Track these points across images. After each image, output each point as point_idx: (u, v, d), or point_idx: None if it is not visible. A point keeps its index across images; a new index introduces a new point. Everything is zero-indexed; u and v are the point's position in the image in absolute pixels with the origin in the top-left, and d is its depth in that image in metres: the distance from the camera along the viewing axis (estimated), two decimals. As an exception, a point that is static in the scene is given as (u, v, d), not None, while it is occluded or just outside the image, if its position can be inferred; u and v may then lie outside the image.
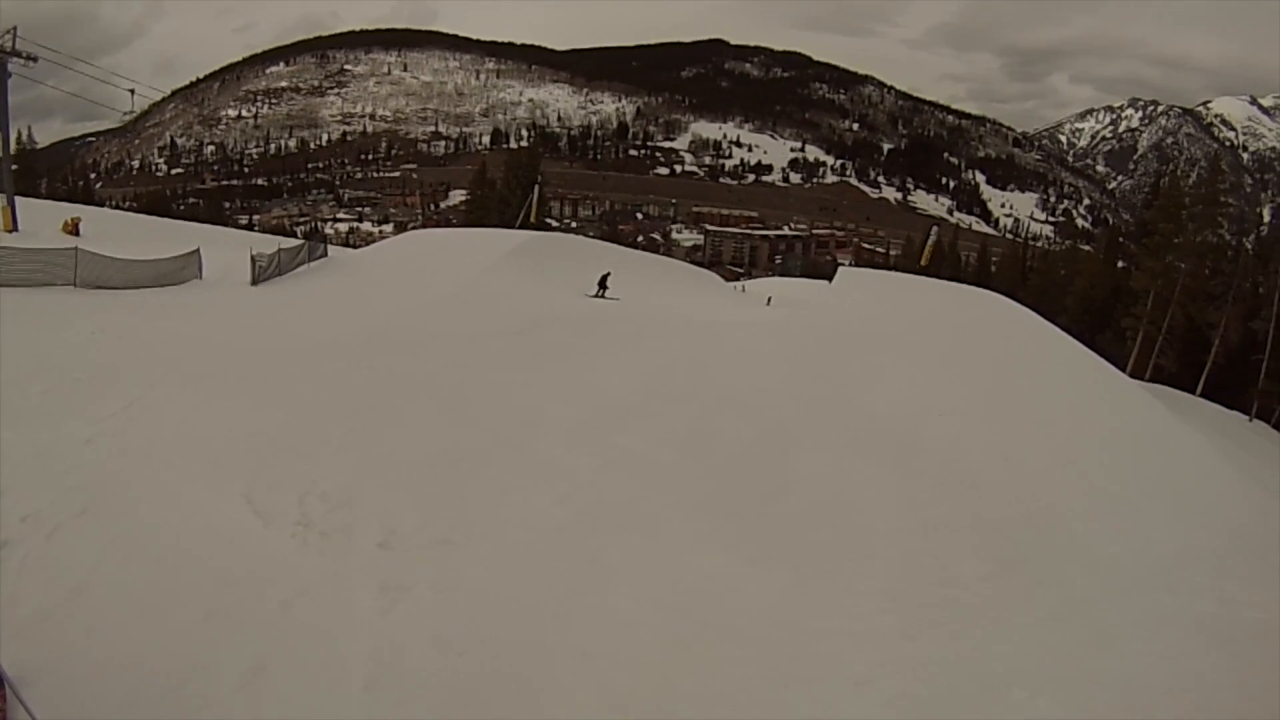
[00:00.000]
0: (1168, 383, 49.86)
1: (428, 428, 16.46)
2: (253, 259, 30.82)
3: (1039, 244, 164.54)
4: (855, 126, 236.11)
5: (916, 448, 19.18)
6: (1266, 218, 74.99)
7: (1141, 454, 21.92)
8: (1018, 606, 13.06)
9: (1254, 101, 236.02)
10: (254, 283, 30.46)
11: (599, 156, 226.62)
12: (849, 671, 10.73)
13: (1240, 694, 11.08)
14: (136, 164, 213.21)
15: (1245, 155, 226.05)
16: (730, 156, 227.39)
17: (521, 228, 63.26)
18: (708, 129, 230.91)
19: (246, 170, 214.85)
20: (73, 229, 38.69)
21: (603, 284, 37.12)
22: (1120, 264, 69.04)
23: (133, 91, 49.06)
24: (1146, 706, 10.56)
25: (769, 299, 50.28)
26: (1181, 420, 27.90)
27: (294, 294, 29.86)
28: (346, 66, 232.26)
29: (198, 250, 30.33)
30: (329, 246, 42.95)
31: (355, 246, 69.63)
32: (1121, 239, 79.04)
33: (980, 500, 16.77)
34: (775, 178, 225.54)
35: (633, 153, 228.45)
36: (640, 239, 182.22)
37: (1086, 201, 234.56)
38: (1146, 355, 52.86)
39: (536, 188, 76.41)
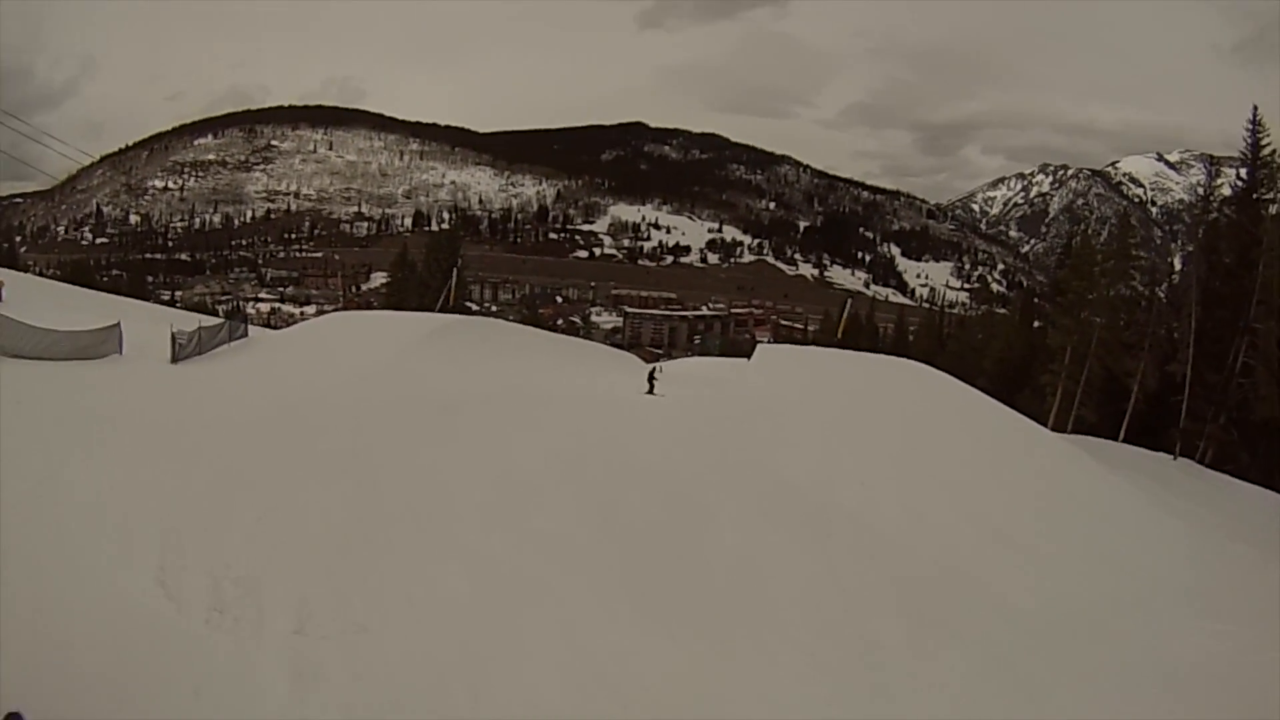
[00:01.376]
0: (1090, 433, 50.22)
1: (342, 506, 16.10)
2: (173, 336, 30.08)
3: (955, 311, 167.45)
4: (772, 205, 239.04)
5: (831, 513, 19.28)
6: (1178, 266, 76.70)
7: (1060, 506, 22.50)
8: (941, 666, 13.15)
9: (1160, 158, 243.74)
10: (174, 360, 29.68)
11: (519, 239, 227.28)
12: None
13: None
14: (62, 230, 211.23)
15: (1154, 209, 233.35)
16: (649, 238, 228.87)
17: (442, 311, 62.76)
18: (627, 211, 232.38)
19: (171, 244, 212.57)
20: (-7, 293, 37.52)
21: (651, 379, 37.35)
22: (1036, 324, 69.74)
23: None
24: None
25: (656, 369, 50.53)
26: (1105, 467, 28.25)
27: (214, 372, 29.22)
28: (274, 142, 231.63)
29: (118, 324, 29.23)
30: (249, 326, 42.06)
31: (276, 328, 68.31)
32: (1036, 299, 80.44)
33: (897, 562, 16.91)
34: (693, 258, 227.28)
35: (553, 235, 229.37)
36: (560, 322, 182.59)
37: (1000, 266, 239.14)
38: (1067, 409, 53.17)
39: (456, 271, 75.97)
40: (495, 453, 20.74)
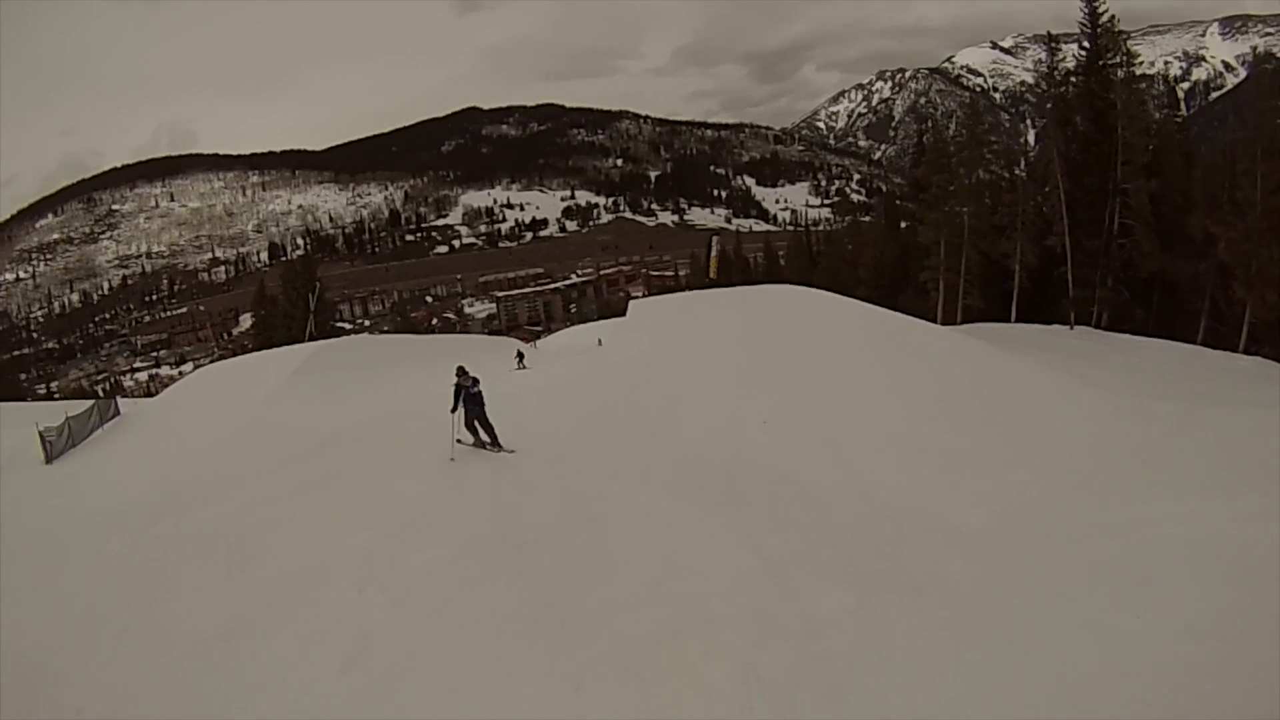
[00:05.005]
0: (980, 319, 50.92)
1: (204, 603, 13.86)
2: (41, 436, 28.38)
3: (820, 228, 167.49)
4: (619, 162, 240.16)
5: (742, 469, 17.50)
6: (1033, 143, 78.22)
7: (977, 403, 21.29)
8: (898, 632, 11.24)
9: (994, 46, 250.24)
10: (48, 460, 27.88)
11: (377, 249, 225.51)
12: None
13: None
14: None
15: (997, 95, 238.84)
16: (504, 220, 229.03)
17: (311, 339, 62.00)
18: (477, 197, 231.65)
19: (35, 335, 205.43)
20: None
21: (520, 356, 42.36)
22: (903, 224, 69.95)
23: None
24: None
25: (599, 340, 52.96)
26: (1009, 351, 27.70)
27: (89, 464, 27.29)
28: (114, 206, 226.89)
29: None
30: (119, 403, 39.38)
31: (155, 395, 65.00)
32: (899, 201, 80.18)
33: (825, 511, 15.04)
34: (552, 230, 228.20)
35: (409, 238, 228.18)
36: (435, 321, 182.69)
37: (856, 177, 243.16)
38: (952, 301, 53.53)
39: (313, 296, 73.85)
40: (372, 488, 18.56)
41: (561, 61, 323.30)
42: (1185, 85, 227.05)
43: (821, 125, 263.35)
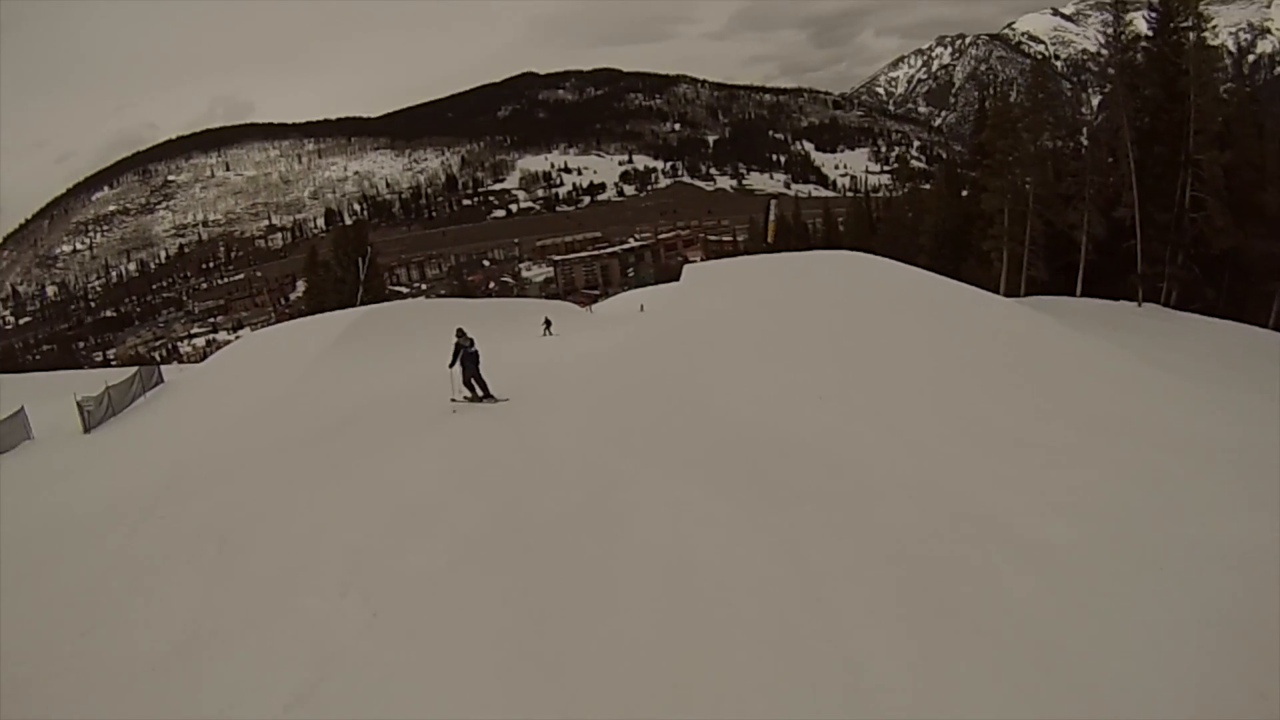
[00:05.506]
0: (1044, 292, 49.29)
1: (176, 607, 12.51)
2: (79, 406, 28.96)
3: (879, 194, 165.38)
4: (677, 127, 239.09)
5: (792, 454, 15.51)
6: (1095, 112, 76.43)
7: (1050, 390, 18.80)
8: (970, 698, 8.62)
9: (1056, 12, 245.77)
10: (86, 430, 28.48)
11: (434, 214, 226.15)
12: None
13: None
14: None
15: (1059, 64, 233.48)
16: (561, 184, 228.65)
17: (363, 303, 61.71)
18: (534, 162, 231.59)
19: (93, 305, 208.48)
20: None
21: (547, 324, 43.02)
22: (964, 193, 67.72)
23: None
24: None
25: (641, 306, 54.11)
26: (1077, 330, 25.32)
27: (126, 435, 27.52)
28: (170, 178, 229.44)
29: (21, 410, 28.70)
30: (162, 370, 40.30)
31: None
32: (960, 170, 78.56)
33: (883, 514, 12.72)
34: (610, 194, 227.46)
35: (466, 202, 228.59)
36: (492, 285, 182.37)
37: (916, 143, 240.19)
38: (1016, 271, 52.13)
39: (363, 260, 74.04)
40: (381, 472, 17.50)
41: (617, 26, 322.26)
42: (1251, 58, 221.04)
43: (881, 91, 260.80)
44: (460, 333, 22.45)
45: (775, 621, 10.02)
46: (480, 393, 22.62)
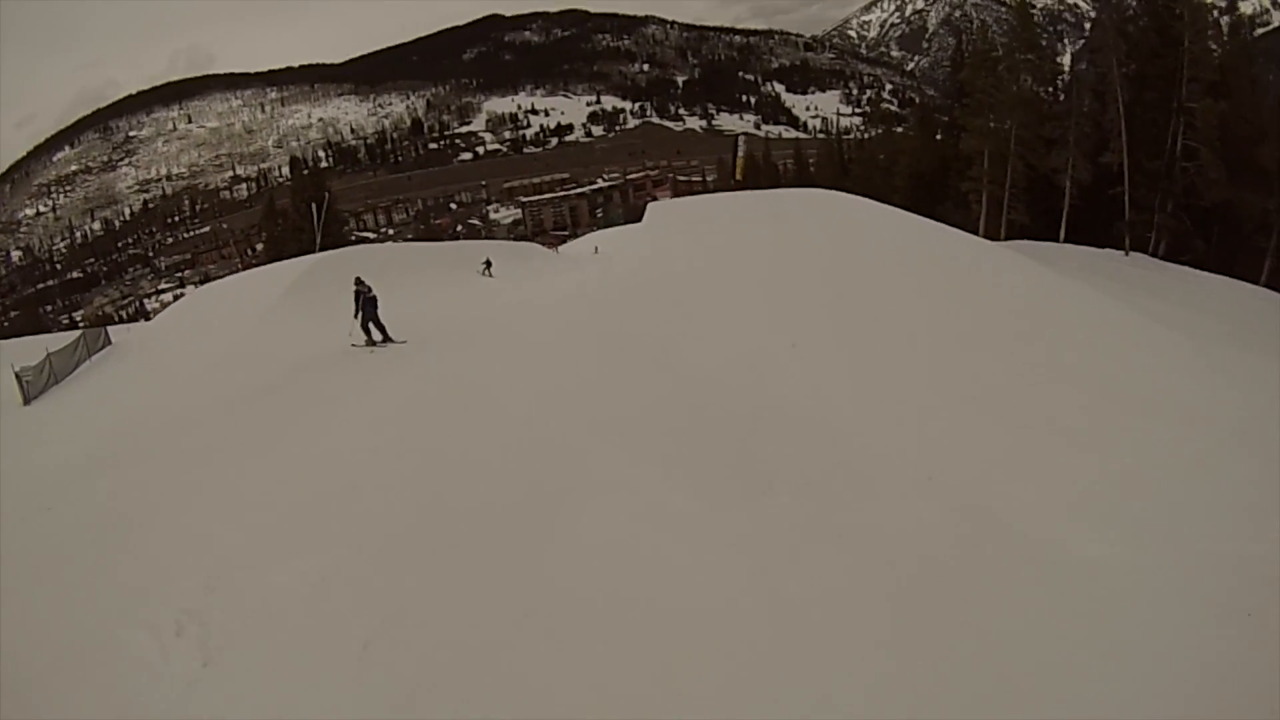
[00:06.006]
0: (1024, 236, 48.20)
1: (61, 599, 10.57)
2: (17, 376, 26.15)
3: (851, 136, 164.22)
4: (646, 67, 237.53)
5: (766, 418, 13.64)
6: (1067, 65, 75.87)
7: (1037, 337, 16.71)
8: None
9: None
10: (26, 402, 25.72)
11: (400, 159, 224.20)
12: None
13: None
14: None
15: (1035, 13, 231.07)
16: (529, 126, 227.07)
17: (322, 249, 59.59)
18: (501, 104, 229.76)
19: (59, 267, 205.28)
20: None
21: (487, 264, 41.39)
22: (938, 136, 67.30)
23: None
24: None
25: (595, 248, 54.40)
26: (1057, 273, 22.90)
27: (66, 405, 24.77)
28: (131, 133, 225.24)
29: None
30: (108, 332, 37.81)
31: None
32: (936, 114, 77.36)
33: (870, 503, 10.71)
34: (578, 135, 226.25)
35: (433, 146, 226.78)
36: (460, 228, 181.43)
37: (888, 87, 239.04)
38: (996, 215, 50.78)
39: (317, 206, 71.56)
40: (307, 441, 15.27)
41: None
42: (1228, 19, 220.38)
43: (853, 34, 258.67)
44: (359, 280, 23.79)
45: (730, 660, 7.89)
46: (380, 337, 23.62)
